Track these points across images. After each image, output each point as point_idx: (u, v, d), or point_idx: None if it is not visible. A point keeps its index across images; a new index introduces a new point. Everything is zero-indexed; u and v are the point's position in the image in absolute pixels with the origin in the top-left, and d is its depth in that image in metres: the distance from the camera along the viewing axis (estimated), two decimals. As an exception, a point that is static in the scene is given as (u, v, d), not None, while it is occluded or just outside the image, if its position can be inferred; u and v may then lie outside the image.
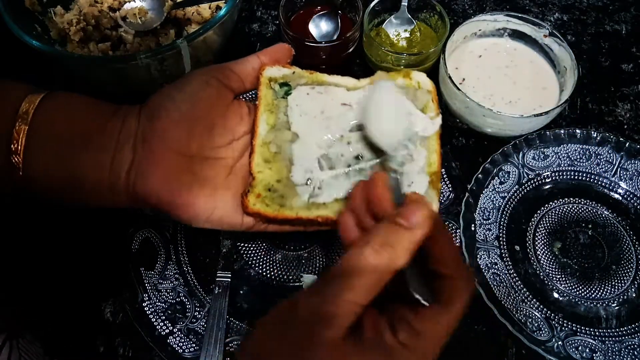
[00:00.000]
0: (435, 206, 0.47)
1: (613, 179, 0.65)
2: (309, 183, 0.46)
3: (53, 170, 0.43)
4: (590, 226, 0.63)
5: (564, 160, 0.66)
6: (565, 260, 0.61)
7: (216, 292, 0.58)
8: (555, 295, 0.59)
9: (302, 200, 0.46)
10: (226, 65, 0.48)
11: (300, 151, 0.47)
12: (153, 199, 0.43)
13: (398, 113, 0.47)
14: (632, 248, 0.62)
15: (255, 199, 0.45)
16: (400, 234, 0.35)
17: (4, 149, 0.42)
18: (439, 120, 0.49)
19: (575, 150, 0.66)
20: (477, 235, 0.60)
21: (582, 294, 0.59)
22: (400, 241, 0.34)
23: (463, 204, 0.61)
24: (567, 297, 0.59)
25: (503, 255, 0.61)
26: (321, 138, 0.48)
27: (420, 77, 0.51)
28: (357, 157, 0.48)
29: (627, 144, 0.65)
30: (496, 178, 0.64)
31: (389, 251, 0.34)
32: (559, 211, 0.64)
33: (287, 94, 0.49)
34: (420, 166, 0.48)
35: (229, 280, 0.59)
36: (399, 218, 0.35)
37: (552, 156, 0.66)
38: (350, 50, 0.72)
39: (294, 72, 0.50)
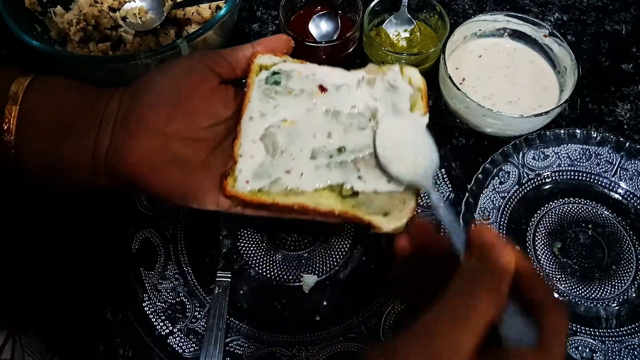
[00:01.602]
0: (412, 205, 0.46)
1: (613, 179, 0.65)
2: (290, 171, 0.46)
3: (41, 149, 0.43)
4: (590, 226, 0.63)
5: (564, 160, 0.66)
6: (565, 260, 0.61)
7: (216, 292, 0.58)
8: (555, 295, 0.59)
9: (281, 187, 0.46)
10: (217, 51, 0.48)
11: (285, 139, 0.47)
12: (128, 175, 0.43)
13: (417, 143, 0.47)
14: (632, 248, 0.62)
15: (234, 182, 0.45)
16: (500, 276, 0.34)
17: None
18: (425, 119, 0.48)
19: (575, 150, 0.66)
20: (477, 235, 0.60)
21: (582, 294, 0.59)
22: (501, 284, 0.33)
23: (463, 204, 0.61)
24: (567, 297, 0.59)
25: (503, 255, 0.61)
26: (307, 127, 0.48)
27: (412, 73, 0.50)
28: (340, 150, 0.47)
29: (627, 144, 0.65)
30: (496, 178, 0.64)
31: (495, 296, 0.33)
32: (559, 211, 0.64)
33: (277, 82, 0.49)
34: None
35: (229, 280, 0.59)
36: (489, 263, 0.34)
37: (552, 156, 0.66)
38: (350, 50, 0.72)
39: (285, 61, 0.49)
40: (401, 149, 0.46)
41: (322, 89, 0.49)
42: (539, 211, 0.64)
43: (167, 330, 0.56)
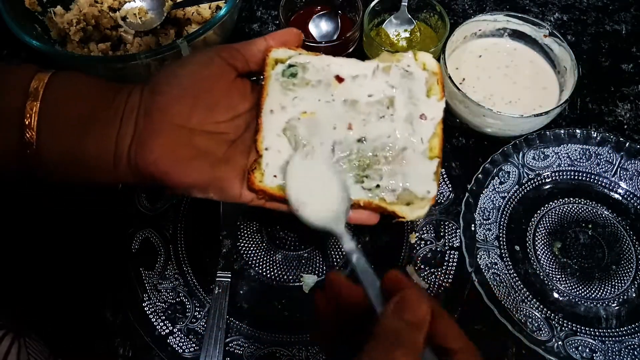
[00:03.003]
0: (433, 193, 0.47)
1: (613, 179, 0.65)
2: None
3: (63, 145, 0.44)
4: (590, 226, 0.63)
5: (564, 160, 0.66)
6: (565, 260, 0.61)
7: (216, 292, 0.58)
8: (555, 295, 0.59)
9: None
10: (232, 45, 0.48)
11: (305, 131, 0.48)
12: (151, 168, 0.43)
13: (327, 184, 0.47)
14: (632, 248, 0.62)
15: (261, 176, 0.46)
16: (412, 332, 0.34)
17: (16, 125, 0.43)
18: (442, 104, 0.49)
19: (575, 150, 0.66)
20: (477, 235, 0.60)
21: (582, 294, 0.59)
22: (419, 336, 0.34)
23: (463, 204, 0.61)
24: (567, 297, 0.59)
25: (503, 255, 0.61)
26: (326, 119, 0.49)
27: (426, 58, 0.50)
28: (360, 140, 0.48)
29: (627, 144, 0.65)
30: (496, 178, 0.64)
31: (412, 350, 0.33)
32: (559, 211, 0.64)
33: (293, 75, 0.49)
34: (421, 151, 0.48)
35: (229, 280, 0.59)
36: (406, 317, 0.34)
37: (552, 156, 0.66)
38: (350, 50, 0.72)
39: (300, 54, 0.50)
40: (312, 192, 0.46)
41: (339, 79, 0.49)
42: (539, 211, 0.64)
43: (167, 330, 0.56)
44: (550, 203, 0.65)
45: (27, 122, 0.42)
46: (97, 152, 0.44)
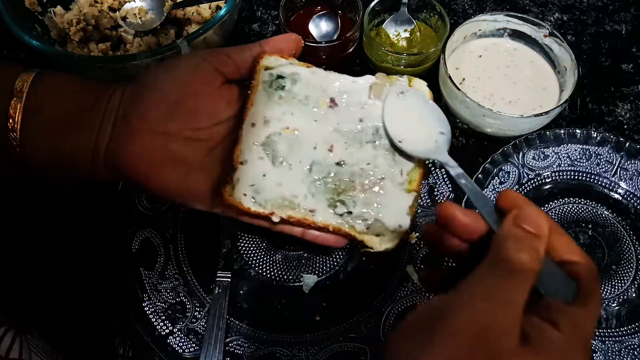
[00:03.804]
0: (405, 227, 0.45)
1: (613, 179, 0.65)
2: (287, 183, 0.46)
3: (46, 145, 0.44)
4: (590, 226, 0.63)
5: (564, 160, 0.66)
6: (565, 260, 0.61)
7: (216, 292, 0.58)
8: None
9: (277, 199, 0.45)
10: (223, 49, 0.47)
11: (285, 148, 0.46)
12: (127, 171, 0.44)
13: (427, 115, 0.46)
14: (632, 248, 0.62)
15: (232, 190, 0.45)
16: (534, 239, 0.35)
17: (0, 126, 0.43)
18: None
19: (575, 150, 0.66)
20: (477, 235, 0.60)
21: (582, 294, 0.59)
22: (540, 244, 0.35)
23: (463, 204, 0.61)
24: (567, 297, 0.59)
25: (503, 255, 0.61)
26: (309, 137, 0.47)
27: (419, 85, 0.48)
28: (339, 164, 0.46)
29: (627, 144, 0.65)
30: (496, 178, 0.64)
31: (535, 254, 0.34)
32: (559, 211, 0.64)
33: (281, 87, 0.47)
34: (399, 183, 0.46)
35: (229, 280, 0.59)
36: (526, 226, 0.35)
37: (552, 156, 0.66)
38: (350, 50, 0.72)
39: (291, 64, 0.48)
40: (411, 125, 0.45)
41: (334, 102, 0.47)
42: (539, 211, 0.64)
43: (167, 330, 0.56)
44: (550, 203, 0.65)
45: (10, 122, 0.43)
46: (76, 152, 0.44)
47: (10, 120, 0.43)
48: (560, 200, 0.65)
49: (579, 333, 0.34)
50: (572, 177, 0.66)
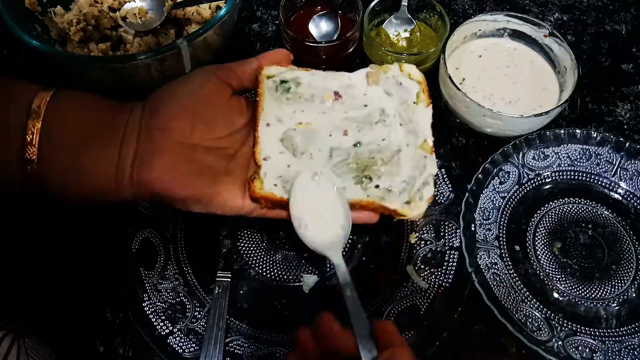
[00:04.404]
0: (431, 191, 0.50)
1: (613, 179, 0.65)
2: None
3: (63, 164, 0.44)
4: (590, 226, 0.63)
5: (564, 160, 0.66)
6: (565, 260, 0.61)
7: (216, 292, 0.58)
8: (555, 295, 0.59)
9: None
10: (227, 65, 0.51)
11: (302, 140, 0.50)
12: (154, 186, 0.45)
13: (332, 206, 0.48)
14: (632, 248, 0.62)
15: (261, 184, 0.48)
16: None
17: (17, 143, 0.43)
18: (430, 110, 0.53)
19: (575, 150, 0.66)
20: (477, 235, 0.60)
21: (582, 294, 0.59)
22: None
23: (463, 204, 0.61)
24: (567, 297, 0.59)
25: (503, 255, 0.61)
26: (322, 128, 0.51)
27: (410, 69, 0.54)
28: (356, 145, 0.50)
29: (627, 144, 0.65)
30: (496, 178, 0.64)
31: None
32: (559, 211, 0.64)
33: (287, 90, 0.52)
34: (414, 152, 0.51)
35: (229, 280, 0.59)
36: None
37: (552, 156, 0.66)
38: (350, 50, 0.72)
39: (290, 70, 0.53)
40: (315, 214, 0.47)
41: (337, 95, 0.52)
42: (539, 211, 0.64)
43: (167, 330, 0.56)
44: (550, 203, 0.65)
45: (28, 140, 0.43)
46: (98, 170, 0.45)
47: (29, 136, 0.43)
48: (560, 200, 0.65)
49: None
50: (572, 177, 0.66)
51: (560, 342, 0.55)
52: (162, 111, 0.46)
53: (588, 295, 0.59)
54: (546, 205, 0.64)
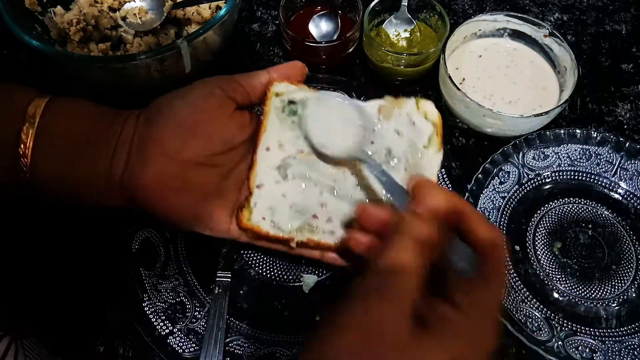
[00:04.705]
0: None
1: (613, 179, 0.65)
2: (304, 206, 0.47)
3: (56, 172, 0.44)
4: (590, 226, 0.63)
5: (564, 160, 0.66)
6: (565, 260, 0.61)
7: (216, 292, 0.58)
8: (555, 295, 0.59)
9: (298, 223, 0.46)
10: (233, 77, 0.48)
11: (299, 171, 0.47)
12: (141, 196, 0.44)
13: (344, 120, 0.47)
14: (632, 248, 0.62)
15: (249, 215, 0.46)
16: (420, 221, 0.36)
17: (10, 150, 0.43)
18: (440, 155, 0.48)
19: (575, 150, 0.66)
20: (477, 235, 0.60)
21: (582, 294, 0.59)
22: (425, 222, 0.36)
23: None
24: (567, 297, 0.59)
25: (503, 255, 0.61)
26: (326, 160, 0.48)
27: (427, 107, 0.49)
28: (355, 185, 0.48)
29: (627, 144, 0.65)
30: (496, 178, 0.64)
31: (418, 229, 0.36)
32: (559, 211, 0.64)
33: (293, 112, 0.48)
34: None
35: (229, 280, 0.59)
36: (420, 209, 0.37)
37: (552, 156, 0.66)
38: (350, 50, 0.72)
39: (300, 90, 0.49)
40: (331, 130, 0.46)
41: None
42: (539, 211, 0.64)
43: (167, 330, 0.56)
44: (550, 203, 0.65)
45: (22, 147, 0.43)
46: (89, 179, 0.44)
47: (23, 142, 0.43)
48: (560, 200, 0.65)
49: (478, 309, 0.34)
50: (572, 177, 0.66)
51: (560, 342, 0.55)
52: (157, 123, 0.44)
53: (588, 295, 0.59)
54: (546, 205, 0.65)
